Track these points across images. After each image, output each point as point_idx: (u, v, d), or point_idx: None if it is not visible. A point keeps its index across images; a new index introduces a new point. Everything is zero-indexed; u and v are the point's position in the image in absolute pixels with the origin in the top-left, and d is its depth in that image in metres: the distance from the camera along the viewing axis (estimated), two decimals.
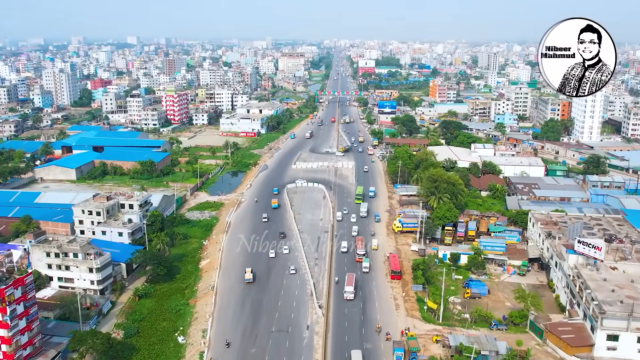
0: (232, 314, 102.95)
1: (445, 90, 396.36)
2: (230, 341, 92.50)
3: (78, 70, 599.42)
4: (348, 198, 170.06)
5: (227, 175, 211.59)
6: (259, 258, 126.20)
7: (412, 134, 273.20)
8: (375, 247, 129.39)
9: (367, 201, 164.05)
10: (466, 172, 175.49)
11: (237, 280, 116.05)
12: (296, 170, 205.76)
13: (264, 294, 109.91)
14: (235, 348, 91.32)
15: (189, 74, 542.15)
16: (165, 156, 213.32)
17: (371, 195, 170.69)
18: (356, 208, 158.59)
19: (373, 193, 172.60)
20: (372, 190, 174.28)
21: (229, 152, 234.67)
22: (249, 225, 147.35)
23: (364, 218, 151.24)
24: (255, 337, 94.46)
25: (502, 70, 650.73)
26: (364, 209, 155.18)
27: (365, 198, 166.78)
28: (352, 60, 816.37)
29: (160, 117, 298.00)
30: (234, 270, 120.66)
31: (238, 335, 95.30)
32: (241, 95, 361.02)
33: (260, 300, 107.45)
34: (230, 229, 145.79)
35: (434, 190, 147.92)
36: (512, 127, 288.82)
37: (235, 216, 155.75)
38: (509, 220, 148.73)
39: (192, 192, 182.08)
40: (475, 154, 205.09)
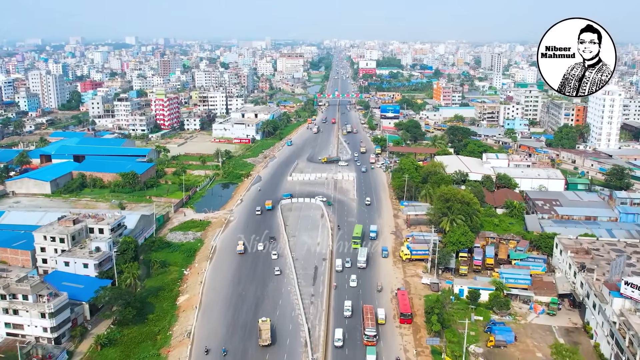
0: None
1: (450, 92, 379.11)
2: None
3: (71, 72, 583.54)
4: (349, 217, 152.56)
5: (218, 187, 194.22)
6: (247, 295, 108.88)
7: (416, 141, 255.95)
8: (383, 320, 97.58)
9: (368, 243, 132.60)
10: (479, 186, 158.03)
11: (219, 323, 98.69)
12: (292, 183, 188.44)
13: (249, 341, 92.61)
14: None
15: (184, 76, 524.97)
16: (150, 167, 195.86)
17: (372, 237, 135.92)
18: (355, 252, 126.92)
19: (375, 234, 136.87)
20: (374, 230, 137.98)
21: (220, 162, 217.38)
22: (236, 251, 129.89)
23: (363, 269, 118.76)
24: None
25: (506, 71, 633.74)
26: (362, 257, 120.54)
27: (364, 238, 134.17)
28: (352, 60, 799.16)
29: (149, 122, 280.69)
30: (216, 310, 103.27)
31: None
32: (236, 98, 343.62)
33: (245, 351, 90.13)
34: (215, 255, 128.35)
35: (447, 210, 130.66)
36: (523, 133, 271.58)
37: (222, 239, 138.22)
38: (531, 245, 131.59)
39: (176, 209, 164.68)
40: (487, 165, 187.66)
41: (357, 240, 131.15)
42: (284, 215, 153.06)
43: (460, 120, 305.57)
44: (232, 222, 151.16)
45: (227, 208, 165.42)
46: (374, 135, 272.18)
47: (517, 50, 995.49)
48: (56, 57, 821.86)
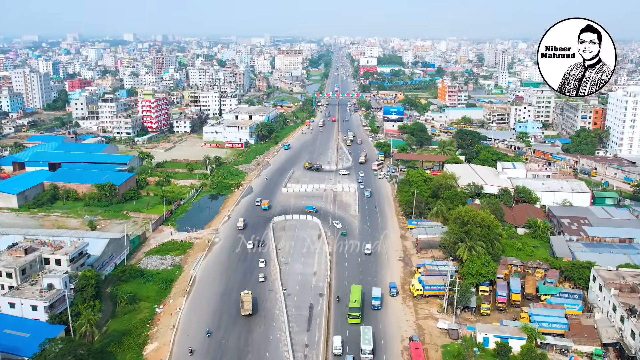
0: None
1: (455, 92, 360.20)
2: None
3: (61, 69, 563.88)
4: (350, 238, 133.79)
5: (205, 199, 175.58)
6: (227, 344, 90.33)
7: (422, 145, 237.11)
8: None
9: (370, 315, 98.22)
10: (497, 203, 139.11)
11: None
12: (287, 195, 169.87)
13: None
14: None
15: (178, 74, 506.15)
16: (129, 177, 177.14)
17: (375, 306, 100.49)
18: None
19: (379, 302, 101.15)
20: (378, 297, 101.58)
21: (209, 170, 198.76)
22: (219, 283, 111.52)
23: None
24: None
25: (510, 69, 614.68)
26: (368, 344, 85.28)
27: (365, 304, 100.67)
28: (352, 58, 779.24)
29: (136, 125, 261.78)
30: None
31: None
32: (230, 98, 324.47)
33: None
34: (194, 289, 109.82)
35: (464, 236, 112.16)
36: (536, 136, 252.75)
37: (203, 267, 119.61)
38: (561, 275, 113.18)
39: (155, 227, 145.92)
40: (503, 176, 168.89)
41: (356, 313, 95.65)
42: (276, 237, 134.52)
43: (468, 122, 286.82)
44: (216, 244, 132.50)
45: (212, 226, 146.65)
46: (376, 139, 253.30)
47: (520, 48, 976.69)
48: (51, 54, 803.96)
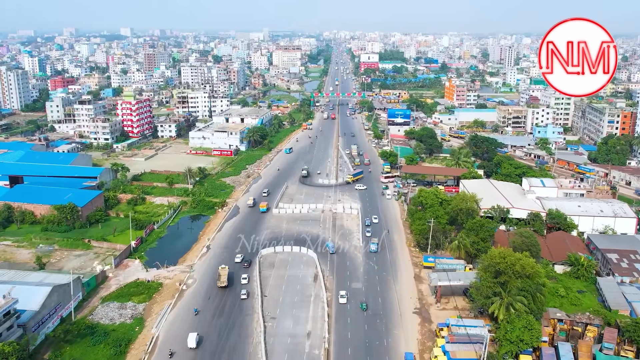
0: None
1: (464, 91, 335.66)
2: None
3: (49, 66, 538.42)
4: (353, 280, 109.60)
5: (184, 222, 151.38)
6: None
7: (432, 154, 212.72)
8: None
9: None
10: (531, 235, 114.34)
11: None
12: (278, 219, 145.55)
13: None
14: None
15: (170, 71, 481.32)
16: (96, 196, 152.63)
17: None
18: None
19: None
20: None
21: (191, 184, 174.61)
22: (187, 348, 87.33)
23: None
24: None
25: (516, 65, 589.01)
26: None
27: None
28: (353, 54, 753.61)
29: (115, 130, 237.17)
30: None
31: None
32: (220, 99, 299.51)
33: None
34: (154, 357, 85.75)
35: (499, 289, 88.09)
36: (557, 143, 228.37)
37: (169, 323, 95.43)
38: (620, 334, 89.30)
39: (118, 261, 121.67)
40: (531, 195, 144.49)
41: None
42: (262, 277, 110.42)
43: (481, 126, 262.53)
44: (189, 287, 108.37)
45: (187, 260, 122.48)
46: (380, 146, 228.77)
47: (524, 43, 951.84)
48: (44, 49, 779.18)
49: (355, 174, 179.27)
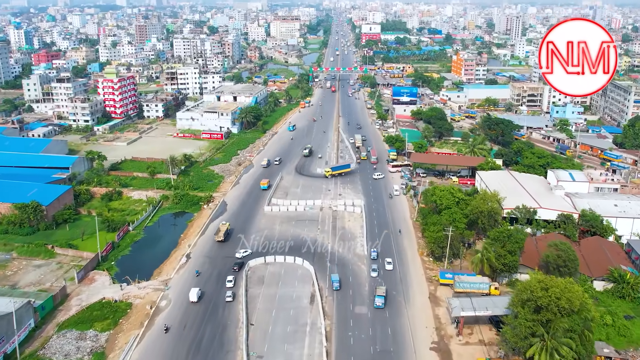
0: None
1: (472, 66, 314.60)
2: None
3: (37, 39, 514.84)
4: (356, 302, 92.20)
5: (164, 220, 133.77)
6: None
7: (441, 137, 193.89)
8: None
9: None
10: (570, 250, 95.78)
11: None
12: (271, 218, 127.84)
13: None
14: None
15: (161, 44, 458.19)
16: (64, 192, 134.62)
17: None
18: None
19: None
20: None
21: (174, 175, 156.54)
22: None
23: None
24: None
25: (523, 36, 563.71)
26: None
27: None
28: (353, 24, 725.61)
29: (96, 111, 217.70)
30: None
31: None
32: (212, 75, 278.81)
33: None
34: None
35: (539, 328, 70.75)
36: (577, 124, 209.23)
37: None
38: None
39: (82, 275, 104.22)
40: (559, 192, 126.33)
41: None
42: (249, 297, 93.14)
43: (493, 104, 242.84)
44: (162, 311, 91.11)
45: (163, 273, 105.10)
46: (385, 128, 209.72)
47: (530, 12, 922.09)
48: (35, 21, 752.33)
49: (337, 167, 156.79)
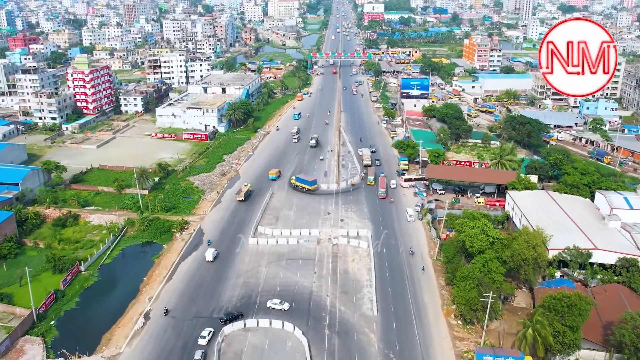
0: None
1: (486, 51, 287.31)
2: None
3: (20, 20, 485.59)
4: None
5: (127, 255, 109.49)
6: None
7: (458, 139, 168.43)
8: None
9: None
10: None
11: None
12: (256, 255, 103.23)
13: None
14: None
15: (150, 25, 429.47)
16: (4, 220, 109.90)
17: None
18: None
19: None
20: None
21: (145, 191, 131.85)
22: None
23: None
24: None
25: (533, 16, 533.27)
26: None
27: None
28: (355, 2, 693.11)
29: (65, 106, 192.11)
30: None
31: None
32: (199, 63, 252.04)
33: None
34: None
35: None
36: (611, 122, 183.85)
37: None
38: None
39: (10, 343, 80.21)
40: (614, 223, 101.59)
41: None
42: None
43: (514, 97, 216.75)
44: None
45: (112, 342, 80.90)
46: (393, 128, 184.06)
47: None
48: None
49: (301, 180, 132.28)
